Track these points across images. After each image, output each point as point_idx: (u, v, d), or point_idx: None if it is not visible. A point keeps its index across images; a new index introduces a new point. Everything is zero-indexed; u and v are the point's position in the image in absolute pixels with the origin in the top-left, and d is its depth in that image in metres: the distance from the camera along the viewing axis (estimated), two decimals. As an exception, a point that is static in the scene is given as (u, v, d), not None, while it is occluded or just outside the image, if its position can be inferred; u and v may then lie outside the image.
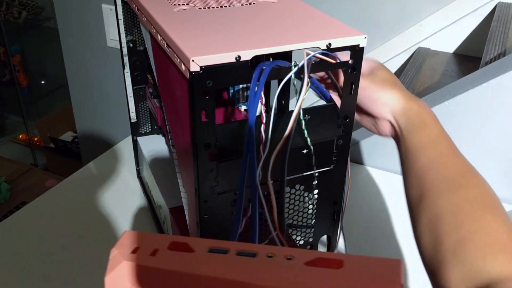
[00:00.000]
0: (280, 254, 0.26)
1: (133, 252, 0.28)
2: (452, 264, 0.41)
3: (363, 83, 0.50)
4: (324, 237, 0.55)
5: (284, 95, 0.54)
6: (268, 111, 0.41)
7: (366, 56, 0.50)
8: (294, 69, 0.41)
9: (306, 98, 0.48)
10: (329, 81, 0.53)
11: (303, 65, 0.41)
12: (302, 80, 0.41)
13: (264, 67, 0.40)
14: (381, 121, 0.51)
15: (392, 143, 0.52)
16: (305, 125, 0.45)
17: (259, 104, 0.40)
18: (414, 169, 0.47)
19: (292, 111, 0.43)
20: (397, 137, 0.50)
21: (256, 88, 0.39)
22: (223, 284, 0.25)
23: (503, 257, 0.39)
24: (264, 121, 0.41)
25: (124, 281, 0.27)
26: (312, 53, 0.42)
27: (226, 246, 0.27)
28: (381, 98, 0.49)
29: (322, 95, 0.49)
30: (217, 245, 0.27)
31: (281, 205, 0.45)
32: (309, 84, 0.42)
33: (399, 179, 0.55)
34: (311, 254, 0.26)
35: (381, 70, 0.53)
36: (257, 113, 0.40)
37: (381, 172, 0.90)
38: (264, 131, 0.41)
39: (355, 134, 0.88)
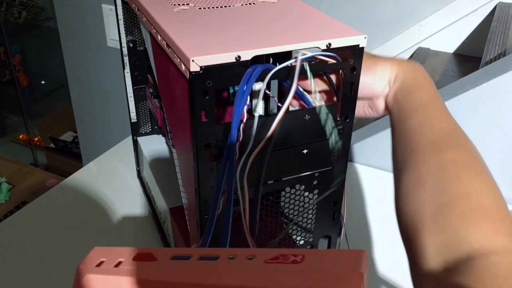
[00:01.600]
0: (242, 255, 0.26)
1: (98, 265, 0.29)
2: (431, 231, 0.37)
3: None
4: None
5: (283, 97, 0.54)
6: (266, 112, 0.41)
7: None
8: (279, 66, 0.41)
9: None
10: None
11: (291, 66, 0.41)
12: (291, 81, 0.40)
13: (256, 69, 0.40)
14: (378, 99, 0.49)
15: (391, 143, 0.52)
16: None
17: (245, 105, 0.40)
18: (402, 132, 0.45)
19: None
20: (391, 106, 0.48)
21: (244, 89, 0.39)
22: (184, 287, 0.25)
23: (487, 227, 0.35)
24: (255, 122, 0.41)
25: None
26: (308, 54, 0.42)
27: (189, 253, 0.27)
28: (378, 74, 0.47)
29: (304, 102, 0.48)
30: (180, 252, 0.28)
31: (254, 208, 0.44)
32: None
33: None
34: (272, 252, 0.26)
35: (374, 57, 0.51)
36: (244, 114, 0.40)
37: (381, 172, 0.90)
38: (250, 133, 0.41)
39: (354, 134, 0.88)
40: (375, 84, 0.48)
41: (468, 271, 0.33)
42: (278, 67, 0.41)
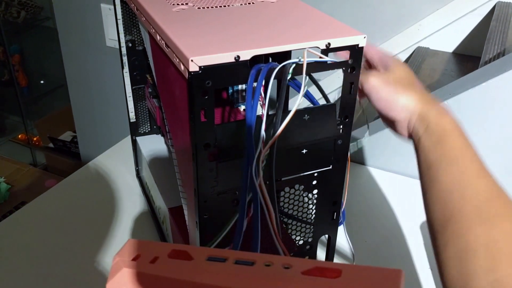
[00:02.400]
0: (278, 262, 0.26)
1: (134, 259, 0.29)
2: None
3: (376, 82, 0.46)
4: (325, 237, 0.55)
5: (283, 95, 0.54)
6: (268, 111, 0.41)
7: (380, 48, 0.49)
8: (293, 64, 0.41)
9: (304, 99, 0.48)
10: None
11: (301, 65, 0.41)
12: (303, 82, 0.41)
13: (261, 67, 0.40)
14: (399, 124, 0.48)
15: (392, 143, 0.52)
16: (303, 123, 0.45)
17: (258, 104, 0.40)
18: (436, 188, 0.42)
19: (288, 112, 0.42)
20: (416, 144, 0.46)
21: (253, 88, 0.39)
22: None
23: None
24: (264, 120, 0.41)
25: (124, 287, 0.28)
26: (313, 53, 0.42)
27: (224, 255, 0.27)
28: (397, 102, 0.46)
29: (310, 101, 0.48)
30: (216, 253, 0.28)
31: (274, 209, 0.44)
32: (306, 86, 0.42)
33: (399, 179, 0.54)
34: (308, 263, 0.26)
35: (397, 68, 0.49)
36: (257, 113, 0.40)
37: (382, 172, 0.90)
38: (265, 131, 0.41)
39: (355, 134, 0.88)
40: (393, 108, 0.47)
41: None
42: (283, 64, 0.41)
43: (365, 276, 0.24)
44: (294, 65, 0.40)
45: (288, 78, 0.40)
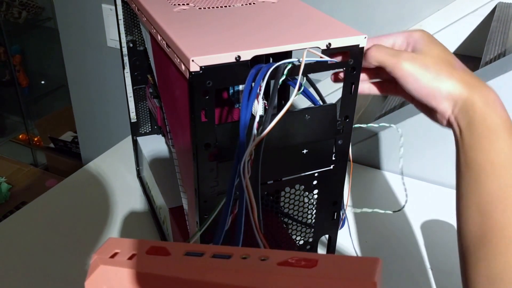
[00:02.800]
0: (255, 255, 0.26)
1: (112, 256, 0.29)
2: None
3: (413, 68, 0.40)
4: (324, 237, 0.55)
5: (284, 95, 0.54)
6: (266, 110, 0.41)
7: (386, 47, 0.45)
8: (288, 65, 0.41)
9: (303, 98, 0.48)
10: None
11: (298, 65, 0.41)
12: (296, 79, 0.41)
13: (262, 67, 0.40)
14: (439, 114, 0.42)
15: (392, 144, 0.52)
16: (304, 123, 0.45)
17: (256, 103, 0.40)
18: (476, 196, 0.37)
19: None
20: (456, 137, 0.42)
21: (250, 88, 0.39)
22: (195, 285, 0.25)
23: None
24: (256, 120, 0.41)
25: (102, 284, 0.29)
26: (314, 53, 0.42)
27: (202, 249, 0.27)
28: (440, 90, 0.39)
29: (310, 100, 0.48)
30: (193, 248, 0.28)
31: (257, 204, 0.44)
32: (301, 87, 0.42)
33: (399, 179, 0.54)
34: (285, 254, 0.26)
35: (433, 46, 0.41)
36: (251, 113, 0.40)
37: (382, 173, 0.90)
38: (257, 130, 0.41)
39: (356, 135, 0.88)
40: (435, 98, 0.41)
41: None
42: (276, 64, 0.40)
43: (341, 265, 0.24)
44: (290, 65, 0.40)
45: (283, 78, 0.40)
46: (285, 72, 0.40)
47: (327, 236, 0.54)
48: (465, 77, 0.40)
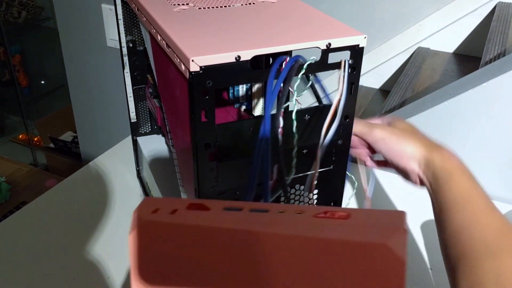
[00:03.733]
0: (291, 210, 0.28)
1: (153, 212, 0.30)
2: None
3: (382, 134, 0.50)
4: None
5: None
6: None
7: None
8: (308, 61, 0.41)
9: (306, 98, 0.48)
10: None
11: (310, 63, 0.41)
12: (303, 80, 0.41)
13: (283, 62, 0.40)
14: (410, 173, 0.51)
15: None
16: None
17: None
18: (449, 229, 0.45)
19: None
20: (429, 191, 0.50)
21: (274, 84, 0.39)
22: (238, 234, 0.27)
23: None
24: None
25: (146, 237, 0.29)
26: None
27: (240, 205, 0.29)
28: (404, 151, 0.49)
29: (317, 97, 0.49)
30: (231, 204, 0.29)
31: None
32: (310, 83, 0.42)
33: (399, 179, 0.55)
34: (319, 209, 0.28)
35: (400, 122, 0.53)
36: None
37: (382, 173, 0.90)
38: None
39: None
40: (402, 158, 0.49)
41: None
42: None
43: (372, 216, 0.26)
44: (311, 61, 0.41)
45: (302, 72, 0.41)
46: (305, 67, 0.41)
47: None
48: (425, 141, 0.50)
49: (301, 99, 0.49)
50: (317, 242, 0.25)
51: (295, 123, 0.43)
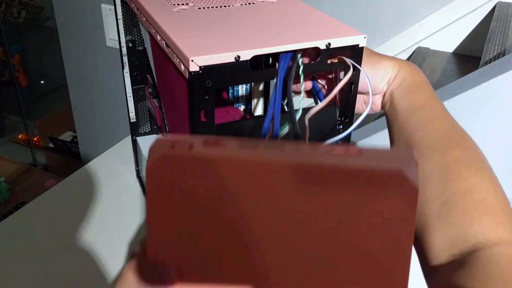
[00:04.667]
0: (306, 146, 0.29)
1: (171, 147, 0.29)
2: (436, 228, 0.39)
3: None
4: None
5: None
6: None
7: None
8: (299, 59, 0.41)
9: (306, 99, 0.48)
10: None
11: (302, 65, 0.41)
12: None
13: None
14: (375, 96, 0.50)
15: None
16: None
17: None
18: (402, 133, 0.46)
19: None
20: (388, 105, 0.49)
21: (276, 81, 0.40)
22: (256, 165, 0.28)
23: (489, 220, 0.37)
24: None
25: (165, 171, 0.29)
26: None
27: (255, 143, 0.30)
28: (381, 71, 0.48)
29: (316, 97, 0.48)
30: (246, 142, 0.30)
31: None
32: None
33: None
34: (331, 147, 0.29)
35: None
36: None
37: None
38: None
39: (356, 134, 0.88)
40: (376, 81, 0.48)
41: (473, 261, 0.35)
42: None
43: (384, 152, 0.27)
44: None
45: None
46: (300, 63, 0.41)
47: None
48: (396, 59, 0.49)
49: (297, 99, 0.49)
50: (335, 171, 0.26)
51: (307, 122, 0.43)
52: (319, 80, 0.49)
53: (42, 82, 2.59)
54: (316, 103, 0.48)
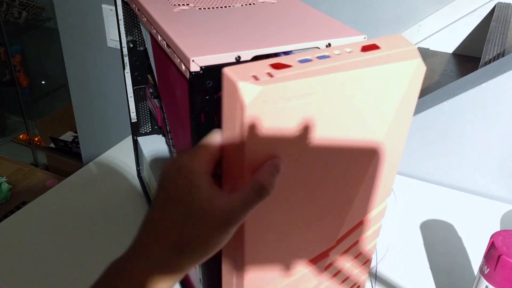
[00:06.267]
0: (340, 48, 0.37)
1: (255, 79, 0.31)
2: None
3: None
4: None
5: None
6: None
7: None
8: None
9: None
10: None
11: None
12: None
13: None
14: None
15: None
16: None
17: None
18: None
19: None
20: None
21: None
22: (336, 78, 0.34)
23: None
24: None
25: (263, 106, 0.31)
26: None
27: (308, 56, 0.35)
28: None
29: None
30: (301, 57, 0.35)
31: None
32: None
33: (399, 179, 0.55)
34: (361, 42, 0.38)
35: None
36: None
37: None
38: None
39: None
40: None
41: None
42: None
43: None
44: None
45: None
46: None
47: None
48: None
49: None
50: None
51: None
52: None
53: (43, 82, 2.60)
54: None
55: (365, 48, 0.38)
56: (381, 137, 0.41)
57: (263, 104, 0.31)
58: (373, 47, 0.38)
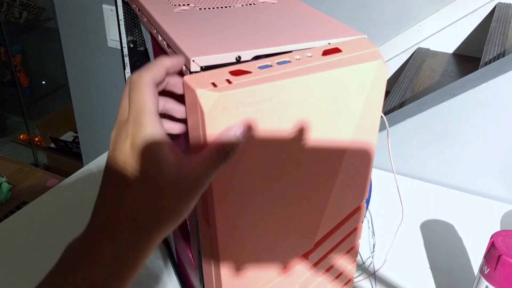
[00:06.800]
0: (302, 54, 0.39)
1: (214, 86, 0.33)
2: None
3: None
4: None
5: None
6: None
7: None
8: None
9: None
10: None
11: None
12: None
13: None
14: None
15: (391, 143, 0.52)
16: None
17: None
18: None
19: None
20: None
21: None
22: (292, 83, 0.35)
23: None
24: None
25: (221, 112, 0.32)
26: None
27: (267, 62, 0.36)
28: None
29: None
30: (262, 62, 0.36)
31: None
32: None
33: (399, 179, 0.55)
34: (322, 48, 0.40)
35: None
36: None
37: (382, 172, 0.90)
38: None
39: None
40: None
41: None
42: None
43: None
44: None
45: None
46: None
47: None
48: None
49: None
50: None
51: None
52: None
53: (43, 82, 2.60)
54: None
55: (327, 52, 0.39)
56: (349, 138, 0.42)
57: (222, 110, 0.32)
58: (335, 50, 0.39)
